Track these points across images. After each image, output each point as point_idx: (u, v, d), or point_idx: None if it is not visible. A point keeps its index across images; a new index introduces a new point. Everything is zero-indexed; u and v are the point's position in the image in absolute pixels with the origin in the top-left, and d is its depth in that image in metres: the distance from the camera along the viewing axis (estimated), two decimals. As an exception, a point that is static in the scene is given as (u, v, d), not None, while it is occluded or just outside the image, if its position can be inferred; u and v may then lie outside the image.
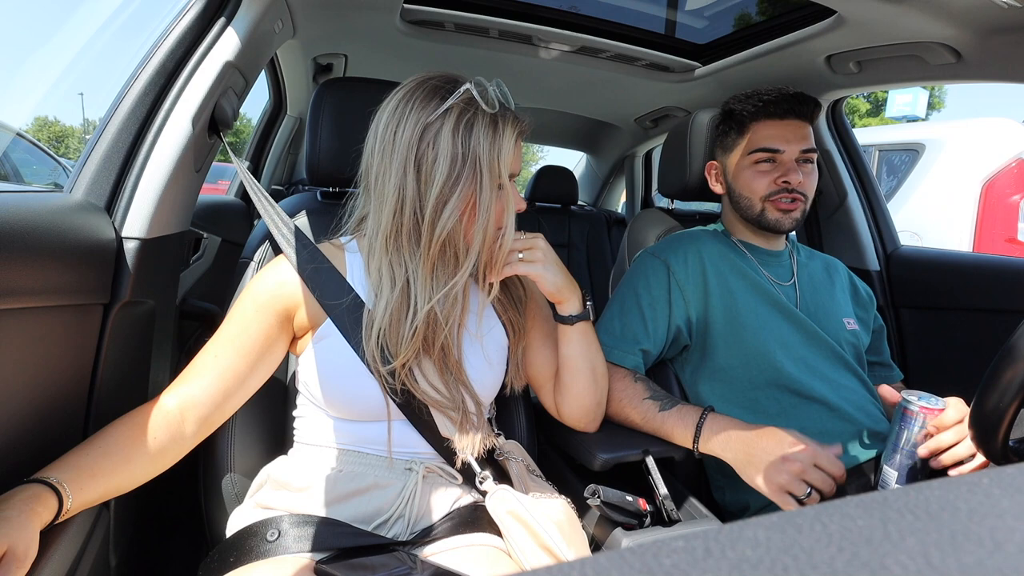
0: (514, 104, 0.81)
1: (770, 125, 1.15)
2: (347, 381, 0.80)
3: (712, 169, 1.26)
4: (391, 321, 0.79)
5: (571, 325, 0.89)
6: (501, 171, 0.77)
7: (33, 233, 0.65)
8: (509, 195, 0.81)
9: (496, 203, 0.79)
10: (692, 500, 0.97)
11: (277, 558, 0.73)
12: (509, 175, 0.80)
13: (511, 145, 0.78)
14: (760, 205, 1.15)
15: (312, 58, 1.82)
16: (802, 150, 1.13)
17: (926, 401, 0.90)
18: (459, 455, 0.84)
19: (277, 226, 0.90)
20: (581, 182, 3.00)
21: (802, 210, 1.15)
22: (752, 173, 1.16)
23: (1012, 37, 1.04)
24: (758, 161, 1.15)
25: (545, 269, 0.85)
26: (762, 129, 1.15)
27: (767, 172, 1.14)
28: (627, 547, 0.17)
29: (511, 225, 0.81)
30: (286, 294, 0.82)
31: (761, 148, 1.14)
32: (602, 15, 1.52)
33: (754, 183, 1.15)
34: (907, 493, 0.20)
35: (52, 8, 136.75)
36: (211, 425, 0.78)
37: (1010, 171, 3.06)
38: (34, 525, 0.57)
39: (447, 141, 0.75)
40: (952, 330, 1.46)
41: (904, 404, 0.91)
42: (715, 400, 1.10)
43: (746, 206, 1.18)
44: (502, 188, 0.79)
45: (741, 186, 1.18)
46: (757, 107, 1.15)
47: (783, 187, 1.13)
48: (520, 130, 0.80)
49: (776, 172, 1.14)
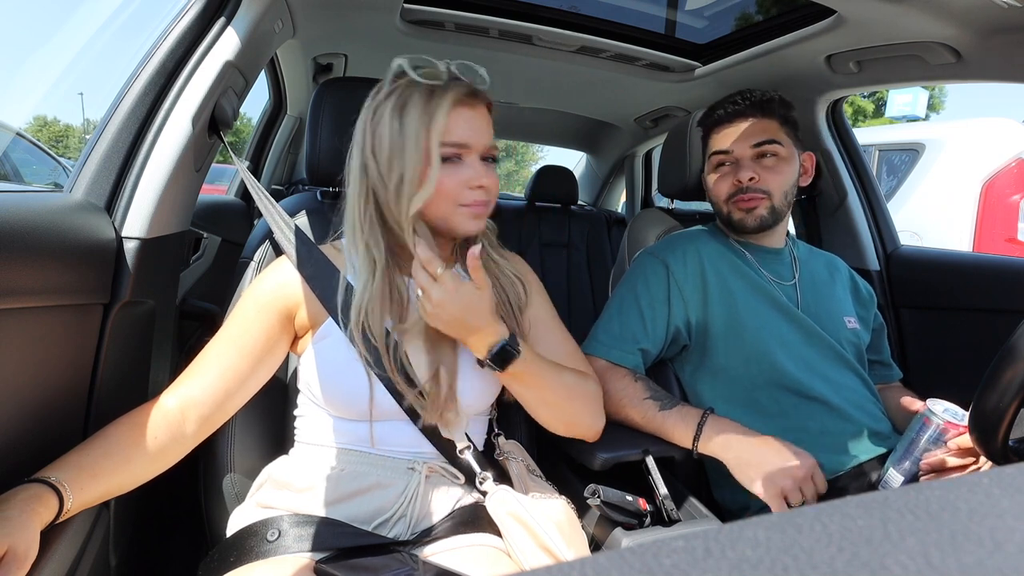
0: (485, 81, 0.81)
1: (724, 129, 1.19)
2: (348, 380, 0.80)
3: (704, 183, 1.29)
4: (372, 303, 0.79)
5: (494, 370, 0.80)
6: (431, 140, 0.76)
7: (33, 233, 0.65)
8: (468, 167, 0.78)
9: (424, 172, 0.76)
10: (692, 500, 0.97)
11: (277, 558, 0.73)
12: (461, 145, 0.78)
13: (444, 112, 0.76)
14: (725, 208, 1.18)
15: (312, 58, 1.82)
16: (752, 144, 1.14)
17: (951, 416, 0.87)
18: (459, 454, 0.84)
19: (278, 225, 0.91)
20: (581, 182, 2.99)
21: (768, 207, 1.14)
22: (713, 179, 1.20)
23: (1012, 37, 1.03)
24: (717, 165, 1.19)
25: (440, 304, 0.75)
26: (717, 135, 1.20)
27: (726, 175, 1.17)
28: (627, 547, 0.17)
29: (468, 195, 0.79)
30: (288, 294, 0.82)
31: (715, 152, 1.19)
32: (602, 15, 1.52)
33: (716, 188, 1.20)
34: (907, 493, 0.20)
35: (52, 8, 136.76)
36: (212, 425, 0.78)
37: (1010, 171, 3.06)
38: (34, 525, 0.57)
39: (387, 119, 0.78)
40: (952, 330, 1.46)
41: (927, 413, 0.89)
42: (715, 400, 1.10)
43: (717, 209, 1.22)
44: (447, 161, 0.77)
45: (709, 190, 1.22)
46: (712, 117, 1.21)
47: (737, 187, 1.14)
48: (458, 98, 0.77)
49: (733, 173, 1.16)
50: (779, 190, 1.14)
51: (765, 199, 1.13)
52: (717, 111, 1.20)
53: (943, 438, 0.87)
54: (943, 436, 0.87)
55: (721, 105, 1.20)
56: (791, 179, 1.16)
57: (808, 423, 1.06)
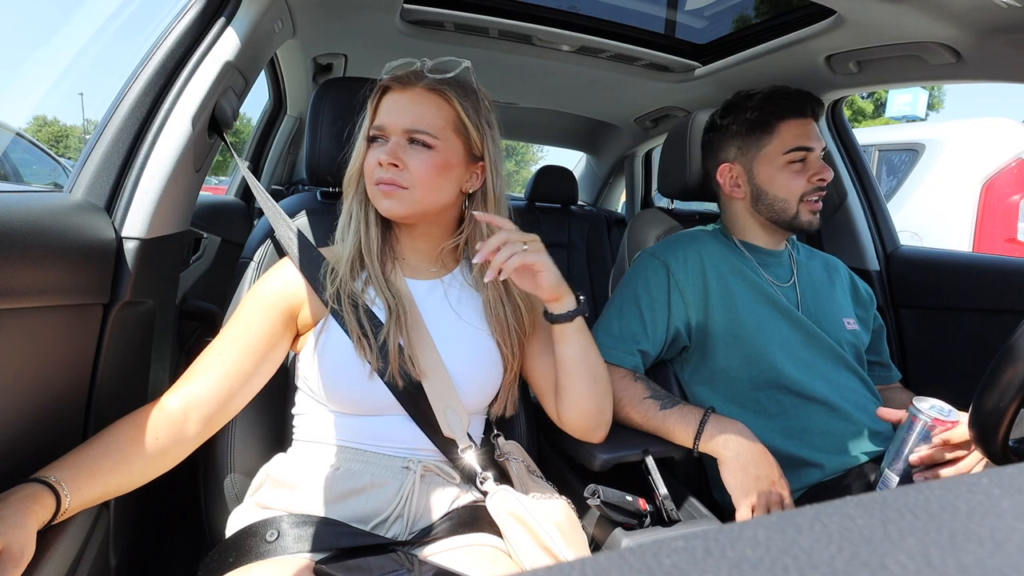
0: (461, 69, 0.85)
1: (797, 124, 1.13)
2: (347, 372, 0.81)
3: (729, 172, 1.20)
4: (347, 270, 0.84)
5: (569, 322, 0.86)
6: (367, 126, 0.85)
7: (33, 233, 0.64)
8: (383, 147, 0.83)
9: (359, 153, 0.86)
10: (692, 500, 0.97)
11: (276, 558, 0.73)
12: (379, 127, 0.83)
13: (375, 99, 0.85)
14: (796, 207, 1.13)
15: (312, 58, 1.82)
16: (822, 148, 1.14)
17: (938, 412, 0.88)
18: (460, 453, 0.84)
19: (281, 224, 0.92)
20: (581, 182, 2.99)
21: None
22: (788, 174, 1.12)
23: (1012, 37, 1.03)
24: (793, 161, 1.13)
25: (550, 259, 0.82)
26: (791, 128, 1.13)
27: (800, 172, 1.13)
28: (627, 547, 0.17)
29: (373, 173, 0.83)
30: (291, 294, 0.83)
31: (796, 147, 1.12)
32: (602, 15, 1.52)
33: (792, 183, 1.12)
34: (907, 493, 0.20)
35: (52, 8, 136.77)
36: (214, 426, 0.78)
37: (1010, 171, 3.06)
38: (31, 524, 0.57)
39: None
40: (952, 330, 1.46)
41: (914, 412, 0.89)
42: (715, 400, 1.10)
43: (781, 208, 1.14)
44: (372, 142, 0.84)
45: (777, 188, 1.13)
46: (782, 106, 1.13)
47: (817, 185, 1.12)
48: (388, 84, 0.84)
49: (809, 171, 1.13)
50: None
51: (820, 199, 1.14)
52: (791, 101, 1.13)
53: (931, 435, 0.87)
54: (931, 433, 0.87)
55: (787, 96, 1.13)
56: None
57: (808, 423, 1.06)
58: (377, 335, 0.81)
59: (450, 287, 0.90)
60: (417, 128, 0.81)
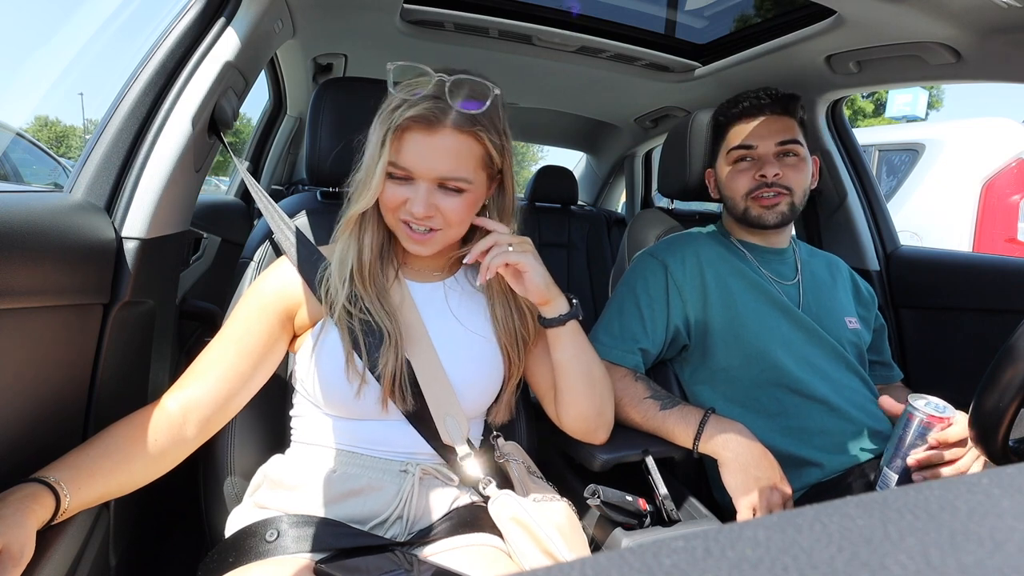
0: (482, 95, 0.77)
1: (744, 124, 1.18)
2: (342, 380, 0.80)
3: (710, 177, 1.29)
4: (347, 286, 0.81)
5: (561, 326, 0.85)
6: (383, 155, 0.76)
7: (33, 233, 0.64)
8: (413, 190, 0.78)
9: (369, 181, 0.78)
10: (692, 500, 0.97)
11: (276, 558, 0.73)
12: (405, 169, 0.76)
13: (396, 132, 0.76)
14: (743, 203, 1.17)
15: (312, 58, 1.82)
16: (778, 142, 1.14)
17: (933, 408, 0.88)
18: (460, 461, 0.84)
19: (279, 226, 0.91)
20: (581, 182, 2.99)
21: (788, 203, 1.14)
22: (732, 173, 1.19)
23: (1012, 37, 1.03)
24: (736, 160, 1.18)
25: (536, 261, 0.82)
26: (737, 130, 1.19)
27: (746, 170, 1.17)
28: (627, 547, 0.17)
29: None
30: (289, 294, 0.83)
31: (736, 146, 1.18)
32: (602, 15, 1.52)
33: (735, 182, 1.18)
34: (907, 493, 0.20)
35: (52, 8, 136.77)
36: (213, 427, 0.78)
37: (1010, 171, 3.06)
38: (30, 523, 0.57)
39: (375, 121, 0.80)
40: (952, 330, 1.46)
41: (910, 409, 0.89)
42: (716, 400, 1.10)
43: (732, 206, 1.20)
44: (394, 178, 0.78)
45: (728, 188, 1.20)
46: (733, 110, 1.20)
47: (761, 182, 1.14)
48: (414, 121, 0.74)
49: (754, 168, 1.15)
50: (800, 188, 1.15)
51: (787, 195, 1.14)
52: (740, 103, 1.19)
53: (928, 432, 0.87)
54: (928, 430, 0.87)
55: (745, 98, 1.19)
56: (809, 179, 1.17)
57: (809, 423, 1.06)
58: (372, 354, 0.80)
59: (451, 290, 0.90)
60: (452, 176, 0.76)
